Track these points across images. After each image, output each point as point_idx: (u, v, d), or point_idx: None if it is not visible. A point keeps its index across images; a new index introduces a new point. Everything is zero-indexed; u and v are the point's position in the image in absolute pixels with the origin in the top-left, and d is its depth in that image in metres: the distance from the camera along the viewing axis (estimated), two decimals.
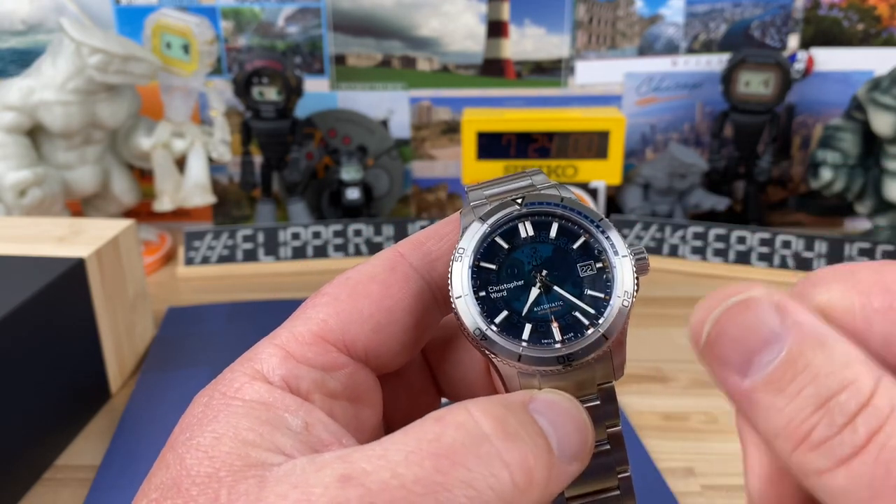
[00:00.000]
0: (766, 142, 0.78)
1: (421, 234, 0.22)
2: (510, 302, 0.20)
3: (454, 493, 0.16)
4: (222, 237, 0.73)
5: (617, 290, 0.21)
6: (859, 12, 0.79)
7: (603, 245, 0.21)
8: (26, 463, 0.44)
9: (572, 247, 0.21)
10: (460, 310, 0.20)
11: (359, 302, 0.21)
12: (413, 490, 0.16)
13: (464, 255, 0.21)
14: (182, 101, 0.73)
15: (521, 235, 0.21)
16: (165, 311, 0.63)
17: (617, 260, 0.21)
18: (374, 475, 0.16)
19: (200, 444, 0.18)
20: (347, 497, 0.16)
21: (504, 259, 0.21)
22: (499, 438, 0.17)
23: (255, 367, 0.20)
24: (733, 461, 0.45)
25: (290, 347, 0.20)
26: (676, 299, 0.66)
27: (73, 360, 0.48)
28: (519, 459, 0.17)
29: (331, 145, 0.82)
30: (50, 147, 0.69)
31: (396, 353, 0.21)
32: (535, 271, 0.21)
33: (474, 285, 0.20)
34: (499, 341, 0.20)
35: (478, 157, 0.75)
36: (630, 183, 0.80)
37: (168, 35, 0.71)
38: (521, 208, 0.21)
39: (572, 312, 0.20)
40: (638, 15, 0.80)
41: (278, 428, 0.18)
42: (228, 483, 0.17)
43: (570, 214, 0.21)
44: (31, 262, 0.48)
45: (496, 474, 0.17)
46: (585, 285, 0.21)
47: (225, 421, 0.18)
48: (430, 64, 0.82)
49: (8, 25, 0.79)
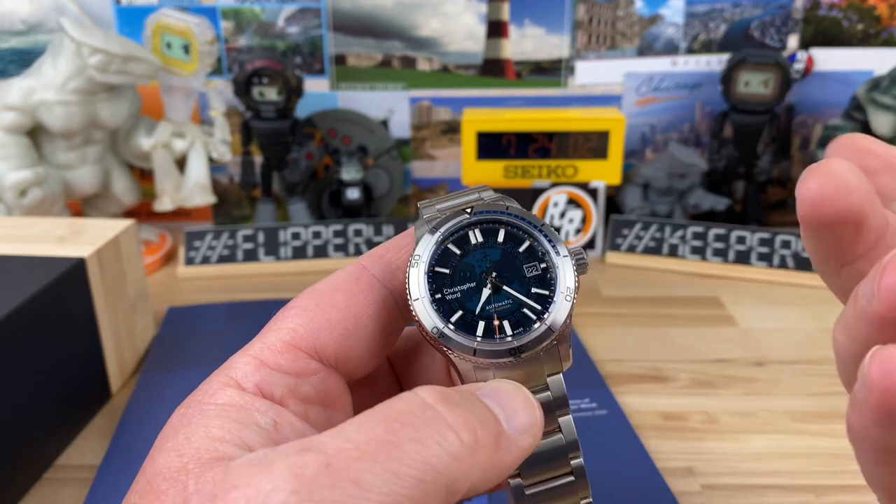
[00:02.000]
0: (766, 142, 0.79)
1: (381, 248, 0.24)
2: (464, 302, 0.22)
3: (404, 449, 0.17)
4: (223, 237, 0.73)
5: (560, 287, 0.23)
6: (859, 12, 0.79)
7: (546, 247, 0.23)
8: (26, 463, 0.44)
9: (518, 250, 0.23)
10: (418, 311, 0.22)
11: (326, 310, 0.22)
12: (366, 449, 0.17)
13: (419, 261, 0.22)
14: (182, 101, 0.73)
15: (471, 242, 0.23)
16: (166, 311, 0.63)
17: (559, 260, 0.23)
18: (329, 443, 0.17)
19: (173, 445, 0.19)
20: (305, 461, 0.17)
21: (457, 264, 0.23)
22: (442, 406, 0.18)
23: (230, 375, 0.21)
24: (733, 461, 0.45)
25: (264, 356, 0.21)
26: (676, 299, 0.66)
27: (73, 360, 0.48)
28: (462, 421, 0.18)
29: (331, 145, 0.82)
30: (50, 147, 0.69)
31: (365, 358, 0.23)
32: (486, 274, 0.23)
33: (430, 288, 0.22)
34: (455, 338, 0.22)
35: (478, 157, 0.75)
36: (630, 183, 0.80)
37: (168, 35, 0.71)
38: (471, 217, 0.23)
39: (521, 309, 0.22)
40: (638, 15, 0.80)
41: (248, 426, 0.19)
42: (196, 473, 0.18)
43: (515, 221, 0.23)
44: (32, 262, 0.48)
45: (442, 434, 0.18)
46: (532, 284, 0.23)
47: (197, 423, 0.19)
48: (430, 64, 0.82)
49: (8, 25, 0.79)
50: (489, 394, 0.21)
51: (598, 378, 0.53)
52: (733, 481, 0.44)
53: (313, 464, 0.17)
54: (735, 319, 0.62)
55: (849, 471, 0.44)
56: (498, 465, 0.19)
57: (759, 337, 0.60)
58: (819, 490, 0.43)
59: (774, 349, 0.58)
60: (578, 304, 0.65)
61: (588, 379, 0.53)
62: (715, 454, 0.46)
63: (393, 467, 0.17)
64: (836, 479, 0.44)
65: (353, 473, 0.17)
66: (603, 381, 0.53)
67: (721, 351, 0.58)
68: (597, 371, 0.54)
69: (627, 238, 0.74)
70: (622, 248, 0.74)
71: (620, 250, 0.74)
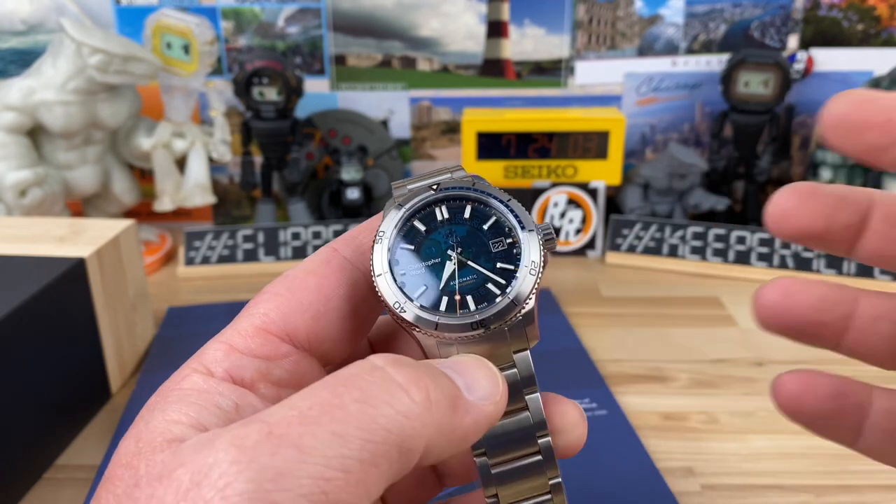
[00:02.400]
0: (766, 142, 0.79)
1: (353, 230, 0.24)
2: (428, 277, 0.22)
3: (349, 409, 0.17)
4: (223, 237, 0.73)
5: (525, 262, 0.22)
6: (859, 12, 0.79)
7: (512, 223, 0.23)
8: (26, 463, 0.44)
9: (484, 227, 0.23)
10: (381, 287, 0.22)
11: (297, 294, 0.22)
12: (309, 413, 0.17)
13: (384, 237, 0.22)
14: (182, 101, 0.73)
15: (437, 218, 0.23)
16: (166, 311, 0.63)
17: (525, 235, 0.23)
18: (272, 413, 0.17)
19: (133, 432, 0.19)
20: (246, 432, 0.17)
21: (422, 240, 0.23)
22: (391, 367, 0.18)
23: (200, 361, 0.21)
24: (733, 461, 0.45)
25: (234, 341, 0.21)
26: (676, 299, 0.66)
27: (73, 360, 0.48)
28: (413, 379, 0.18)
29: (331, 145, 0.82)
30: (50, 147, 0.69)
31: (337, 339, 0.23)
32: (451, 249, 0.23)
33: (391, 265, 0.22)
34: (418, 313, 0.22)
35: (478, 157, 0.75)
36: (630, 183, 0.80)
37: (168, 35, 0.71)
38: (437, 193, 0.23)
39: (485, 284, 0.22)
40: (638, 15, 0.81)
41: (206, 408, 0.19)
42: (147, 456, 0.18)
43: (481, 197, 0.23)
44: (32, 262, 0.48)
45: (390, 392, 0.18)
46: (497, 259, 0.23)
47: (158, 408, 0.20)
48: (430, 64, 0.82)
49: (8, 25, 0.79)
50: (449, 365, 0.20)
51: (598, 378, 0.53)
52: (733, 481, 0.44)
53: (254, 434, 0.17)
54: (735, 319, 0.62)
55: (849, 471, 0.44)
56: (457, 428, 0.19)
57: (759, 337, 0.60)
58: (819, 490, 0.43)
59: (774, 349, 0.58)
60: (578, 304, 0.65)
61: (588, 379, 0.53)
62: (715, 454, 0.46)
63: (337, 429, 0.17)
64: (836, 479, 0.44)
65: (294, 438, 0.16)
66: (603, 381, 0.53)
67: (721, 351, 0.58)
68: (597, 371, 0.54)
69: (627, 238, 0.74)
70: (622, 249, 0.74)
71: (620, 250, 0.74)
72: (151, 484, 0.17)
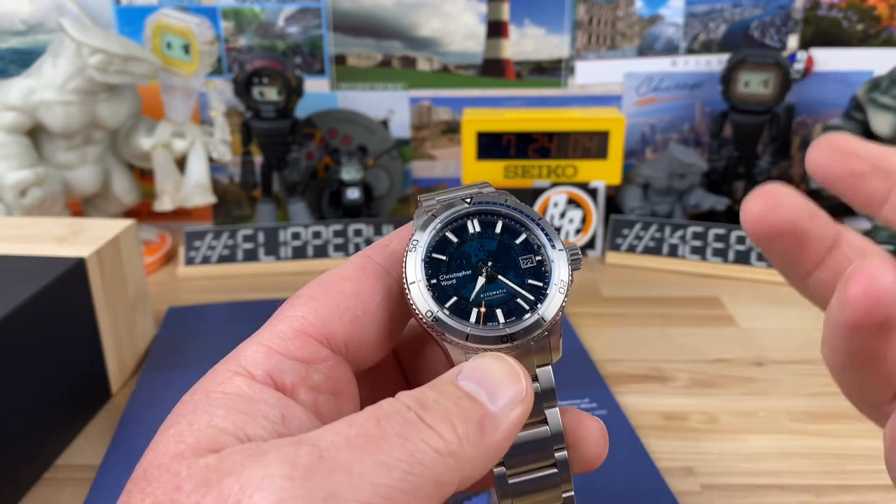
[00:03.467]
0: (766, 142, 0.79)
1: (385, 238, 0.24)
2: (458, 289, 0.23)
3: (392, 442, 0.18)
4: (223, 237, 0.73)
5: (554, 280, 0.23)
6: (859, 12, 0.79)
7: (542, 241, 0.24)
8: (26, 463, 0.44)
9: (515, 242, 0.24)
10: (413, 295, 0.22)
11: (334, 297, 0.22)
12: (356, 442, 0.18)
13: (417, 245, 0.23)
14: (182, 101, 0.73)
15: (469, 231, 0.23)
16: (166, 310, 0.63)
17: (554, 254, 0.23)
18: (321, 438, 0.18)
19: (174, 432, 0.19)
20: (298, 453, 0.17)
21: (454, 251, 0.23)
22: (419, 408, 0.19)
23: (240, 363, 0.21)
24: (733, 460, 0.45)
25: (274, 343, 0.21)
26: (676, 299, 0.66)
27: (73, 359, 0.48)
28: (440, 419, 0.19)
29: (331, 145, 0.82)
30: (50, 147, 0.69)
31: (374, 345, 0.23)
32: (482, 263, 0.23)
33: (426, 273, 0.22)
34: (449, 322, 0.22)
35: (478, 157, 0.75)
36: (630, 183, 0.80)
37: (168, 35, 0.71)
38: (470, 206, 0.24)
39: (515, 299, 0.23)
40: (638, 15, 0.81)
41: (254, 418, 0.19)
42: (188, 462, 0.18)
43: (513, 213, 0.24)
44: (32, 262, 0.48)
45: (423, 434, 0.18)
46: (526, 276, 0.23)
47: (203, 411, 0.19)
48: (430, 64, 0.82)
49: (8, 25, 0.79)
50: (469, 374, 0.21)
51: (598, 378, 0.53)
52: (733, 481, 0.44)
53: (306, 455, 0.17)
54: (735, 319, 0.62)
55: (849, 471, 0.44)
56: (488, 450, 0.20)
57: (758, 337, 0.60)
58: (819, 490, 0.43)
59: (774, 349, 0.58)
60: (578, 304, 0.65)
61: (588, 379, 0.53)
62: (715, 454, 0.46)
63: (382, 459, 0.17)
64: (836, 479, 0.44)
65: (344, 464, 0.17)
66: (603, 381, 0.53)
67: (721, 351, 0.58)
68: (597, 371, 0.54)
69: (627, 238, 0.74)
70: (622, 248, 0.74)
71: (620, 250, 0.74)
72: (198, 490, 0.17)
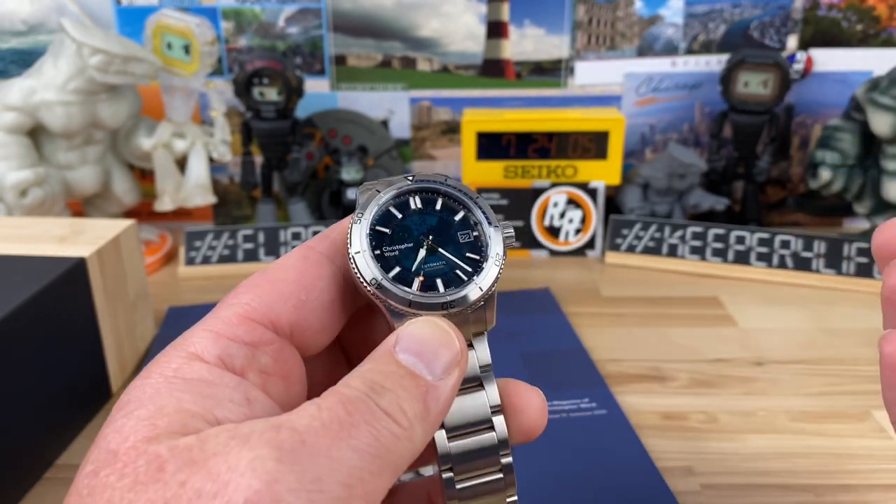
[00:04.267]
0: (765, 142, 0.79)
1: (326, 230, 0.25)
2: (401, 260, 0.24)
3: (360, 428, 0.19)
4: (223, 237, 0.73)
5: (490, 253, 0.25)
6: (858, 13, 0.79)
7: (479, 218, 0.25)
8: (26, 463, 0.44)
9: (454, 219, 0.25)
10: (358, 264, 0.23)
11: (278, 285, 0.23)
12: (331, 427, 0.19)
13: (362, 218, 0.24)
14: (183, 101, 0.73)
15: (411, 207, 0.25)
16: (166, 311, 0.63)
17: (490, 230, 0.25)
18: (297, 420, 0.19)
19: (141, 415, 0.19)
20: (281, 437, 0.18)
21: (396, 225, 0.25)
22: (374, 395, 0.20)
23: (188, 349, 0.21)
24: (733, 460, 0.46)
25: (219, 328, 0.22)
26: (676, 299, 0.66)
27: (73, 359, 0.48)
28: (392, 405, 0.20)
29: (331, 145, 0.83)
30: (51, 147, 0.69)
31: (317, 329, 0.24)
32: (423, 236, 0.25)
33: (371, 244, 0.24)
34: (392, 289, 0.23)
35: (478, 157, 0.75)
36: (629, 183, 0.80)
37: (169, 35, 0.71)
38: (412, 183, 0.25)
39: (454, 270, 0.24)
40: (637, 15, 0.81)
41: (221, 402, 0.20)
42: (168, 444, 0.18)
43: (452, 192, 0.25)
44: (32, 262, 0.48)
45: (384, 421, 0.20)
46: (464, 249, 0.25)
47: (168, 395, 0.20)
48: (430, 64, 0.82)
49: (9, 26, 0.79)
50: (406, 345, 0.22)
51: (598, 378, 0.53)
52: (733, 481, 0.44)
53: (289, 440, 0.18)
54: (734, 319, 0.63)
55: (849, 470, 0.45)
56: (434, 421, 0.21)
57: (758, 337, 0.60)
58: (819, 490, 0.43)
59: (774, 349, 0.58)
60: (578, 304, 0.65)
61: (588, 379, 0.53)
62: (715, 454, 0.46)
63: (354, 444, 0.19)
64: (836, 479, 0.44)
65: (324, 449, 0.18)
66: (603, 381, 0.53)
67: (721, 351, 0.58)
68: (596, 371, 0.54)
69: (627, 238, 0.74)
70: (622, 248, 0.74)
71: (620, 250, 0.74)
72: (182, 469, 0.17)
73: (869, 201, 0.74)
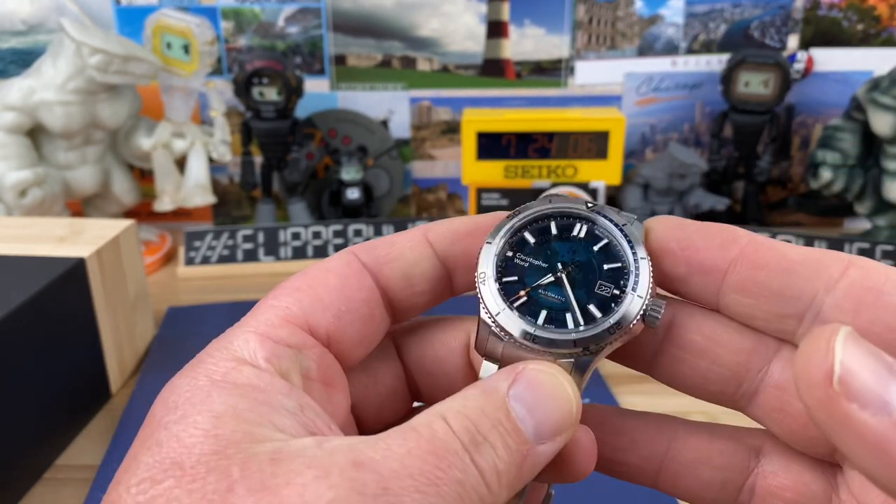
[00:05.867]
0: (766, 142, 0.79)
1: (374, 241, 0.24)
2: (526, 273, 0.22)
3: (450, 488, 0.18)
4: (223, 237, 0.73)
5: (612, 317, 0.21)
6: (859, 12, 0.79)
7: (630, 278, 0.22)
8: (26, 463, 0.44)
9: (605, 267, 0.22)
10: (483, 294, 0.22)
11: (318, 290, 0.22)
12: (419, 480, 0.17)
13: (518, 214, 0.23)
14: (182, 101, 0.73)
15: (572, 232, 0.23)
16: (166, 311, 0.63)
17: (632, 295, 0.22)
18: (383, 464, 0.17)
19: (198, 422, 0.18)
20: (364, 480, 0.17)
21: (546, 240, 0.23)
22: (472, 447, 0.19)
23: (234, 353, 0.20)
24: None
25: (263, 330, 0.21)
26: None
27: (73, 360, 0.48)
28: (489, 467, 0.19)
29: (331, 145, 0.82)
30: (50, 147, 0.69)
31: (355, 342, 0.22)
32: (564, 264, 0.22)
33: (510, 244, 0.22)
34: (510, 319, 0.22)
35: (478, 157, 0.75)
36: (630, 183, 0.80)
37: (168, 35, 0.71)
38: (585, 211, 0.23)
39: (564, 313, 0.22)
40: (638, 15, 0.81)
41: (276, 409, 0.19)
42: (239, 459, 0.17)
43: (620, 241, 0.22)
44: (32, 262, 0.48)
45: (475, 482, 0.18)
46: (593, 300, 0.22)
47: (220, 402, 0.18)
48: (430, 64, 0.82)
49: (8, 25, 0.79)
50: (522, 393, 0.20)
51: (598, 378, 0.53)
52: None
53: (372, 484, 0.17)
54: None
55: None
56: (521, 486, 0.20)
57: None
58: None
59: None
60: None
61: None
62: None
63: (437, 502, 0.17)
64: None
65: (407, 501, 0.17)
66: (603, 381, 0.53)
67: None
68: (596, 371, 0.54)
69: None
70: None
71: None
72: (253, 493, 0.17)
73: (869, 201, 0.74)
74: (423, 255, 0.23)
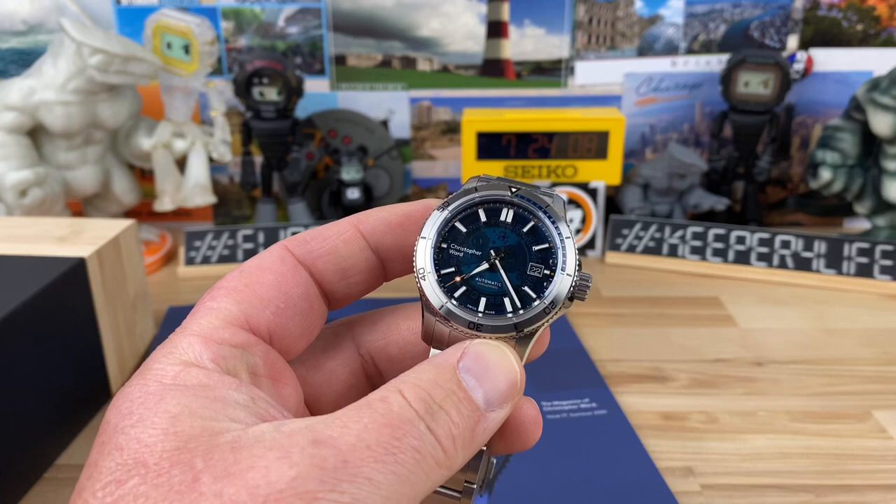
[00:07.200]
0: (766, 142, 0.79)
1: (306, 234, 0.24)
2: (461, 262, 0.23)
3: (406, 455, 0.19)
4: (223, 237, 0.73)
5: (547, 297, 0.23)
6: (858, 13, 0.79)
7: (557, 257, 0.23)
8: (26, 463, 0.44)
9: (534, 248, 0.23)
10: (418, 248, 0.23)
11: (256, 289, 0.22)
12: (377, 450, 0.18)
13: (446, 207, 0.24)
14: (182, 101, 0.73)
15: (500, 217, 0.24)
16: (166, 310, 0.63)
17: (561, 275, 0.23)
18: (341, 439, 0.18)
19: (156, 423, 0.18)
20: (323, 455, 0.18)
21: (476, 228, 0.24)
22: (428, 416, 0.20)
23: (181, 357, 0.21)
24: (732, 460, 0.46)
25: (206, 333, 0.21)
26: (676, 299, 0.66)
27: (73, 360, 0.48)
28: (445, 433, 0.20)
29: (331, 145, 0.82)
30: (51, 147, 0.69)
31: (297, 336, 0.23)
32: (495, 251, 0.23)
33: (442, 235, 0.23)
34: (458, 313, 0.23)
35: (478, 157, 0.75)
36: (629, 183, 0.80)
37: (169, 35, 0.71)
38: (512, 196, 0.24)
39: (502, 297, 0.23)
40: (637, 15, 0.81)
41: (229, 404, 0.19)
42: (201, 451, 0.18)
43: (546, 222, 0.24)
44: (32, 262, 0.48)
45: (432, 448, 0.19)
46: (526, 282, 0.23)
47: (175, 402, 0.19)
48: (430, 64, 0.82)
49: (9, 25, 0.79)
50: (471, 366, 0.21)
51: (598, 378, 0.53)
52: (733, 481, 0.44)
53: (331, 458, 0.18)
54: (735, 319, 0.63)
55: (849, 471, 0.44)
56: (475, 450, 0.21)
57: (758, 337, 0.60)
58: (819, 490, 0.43)
59: (774, 349, 0.58)
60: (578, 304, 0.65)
61: (588, 379, 0.53)
62: (715, 454, 0.46)
63: (397, 469, 0.18)
64: (836, 479, 0.44)
65: (367, 471, 0.18)
66: (603, 381, 0.53)
67: (721, 351, 0.58)
68: (596, 371, 0.54)
69: (627, 238, 0.74)
70: (622, 248, 0.74)
71: (620, 250, 0.74)
72: (218, 480, 0.17)
73: (869, 201, 0.74)
74: (356, 248, 0.24)
